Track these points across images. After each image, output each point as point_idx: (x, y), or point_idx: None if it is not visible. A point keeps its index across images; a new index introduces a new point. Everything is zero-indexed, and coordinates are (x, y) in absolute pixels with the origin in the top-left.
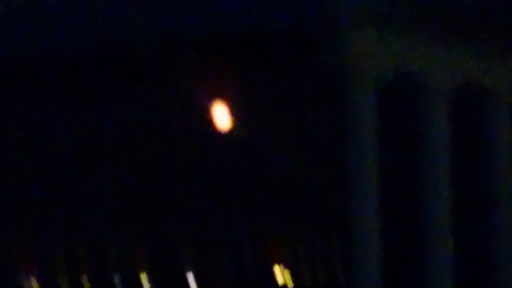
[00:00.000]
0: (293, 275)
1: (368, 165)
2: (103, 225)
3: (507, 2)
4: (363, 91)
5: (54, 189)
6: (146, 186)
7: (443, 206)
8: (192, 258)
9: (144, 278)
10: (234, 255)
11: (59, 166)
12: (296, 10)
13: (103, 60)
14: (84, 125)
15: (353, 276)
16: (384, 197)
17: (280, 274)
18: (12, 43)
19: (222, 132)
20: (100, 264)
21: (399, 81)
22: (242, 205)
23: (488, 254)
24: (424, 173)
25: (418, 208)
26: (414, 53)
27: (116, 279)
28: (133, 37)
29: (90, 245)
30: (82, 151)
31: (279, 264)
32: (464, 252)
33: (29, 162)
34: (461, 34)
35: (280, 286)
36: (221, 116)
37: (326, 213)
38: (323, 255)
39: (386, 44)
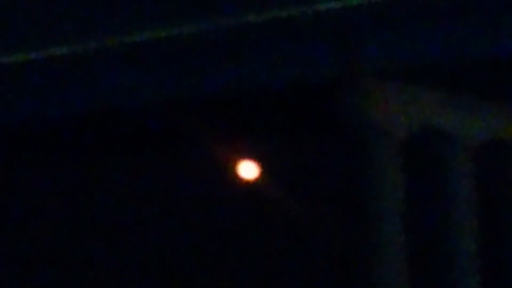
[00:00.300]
0: None
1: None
2: None
3: None
4: (386, 146)
5: None
6: None
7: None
8: None
9: None
10: None
11: None
12: (317, 65)
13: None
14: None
15: None
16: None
17: None
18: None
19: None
20: None
21: (424, 136)
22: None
23: None
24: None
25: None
26: (439, 107)
27: None
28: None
29: None
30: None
31: None
32: None
33: None
34: (486, 89)
35: None
36: (242, 173)
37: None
38: None
39: (411, 98)
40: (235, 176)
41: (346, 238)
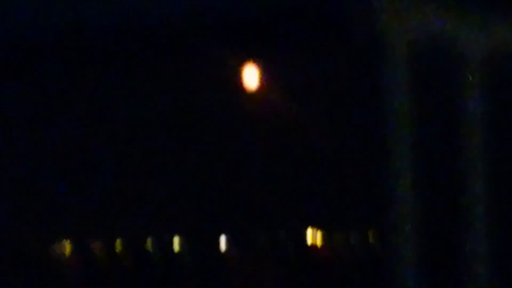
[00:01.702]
0: None
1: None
2: None
3: None
4: (396, 57)
5: None
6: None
7: (481, 185)
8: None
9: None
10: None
11: None
12: None
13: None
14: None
15: None
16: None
17: None
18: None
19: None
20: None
21: (432, 48)
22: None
23: None
24: (461, 150)
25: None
26: (447, 19)
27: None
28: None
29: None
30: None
31: None
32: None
33: None
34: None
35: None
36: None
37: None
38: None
39: (419, 10)
40: (241, 88)
41: (353, 156)
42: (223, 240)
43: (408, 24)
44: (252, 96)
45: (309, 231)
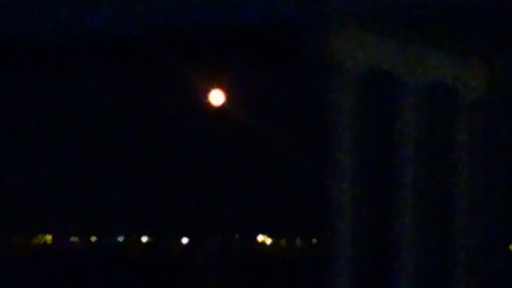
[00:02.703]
0: None
1: (346, 154)
2: None
3: (476, 4)
4: (343, 83)
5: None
6: None
7: (410, 193)
8: None
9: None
10: None
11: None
12: (286, 12)
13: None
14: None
15: None
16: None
17: None
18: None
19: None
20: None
21: (375, 77)
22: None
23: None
24: (395, 162)
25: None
26: (388, 52)
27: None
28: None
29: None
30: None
31: None
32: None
33: None
34: (432, 36)
35: None
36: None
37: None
38: None
39: (365, 43)
40: (205, 102)
41: (305, 157)
42: (184, 241)
43: (353, 55)
44: (212, 109)
45: (260, 237)
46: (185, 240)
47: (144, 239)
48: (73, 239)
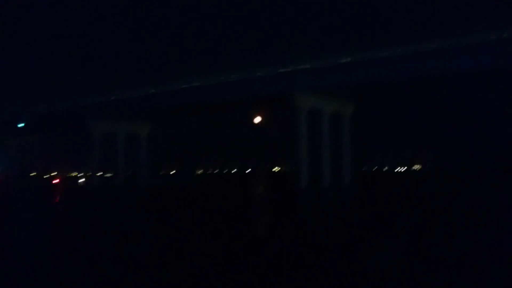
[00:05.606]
0: None
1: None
2: None
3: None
4: (303, 115)
5: None
6: None
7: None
8: None
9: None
10: None
11: None
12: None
13: None
14: None
15: None
16: None
17: None
18: None
19: None
20: None
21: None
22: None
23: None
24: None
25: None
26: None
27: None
28: None
29: None
30: None
31: None
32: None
33: None
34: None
35: None
36: None
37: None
38: None
39: (314, 98)
40: None
41: None
42: None
43: (306, 102)
44: None
45: None
46: None
47: None
48: None
